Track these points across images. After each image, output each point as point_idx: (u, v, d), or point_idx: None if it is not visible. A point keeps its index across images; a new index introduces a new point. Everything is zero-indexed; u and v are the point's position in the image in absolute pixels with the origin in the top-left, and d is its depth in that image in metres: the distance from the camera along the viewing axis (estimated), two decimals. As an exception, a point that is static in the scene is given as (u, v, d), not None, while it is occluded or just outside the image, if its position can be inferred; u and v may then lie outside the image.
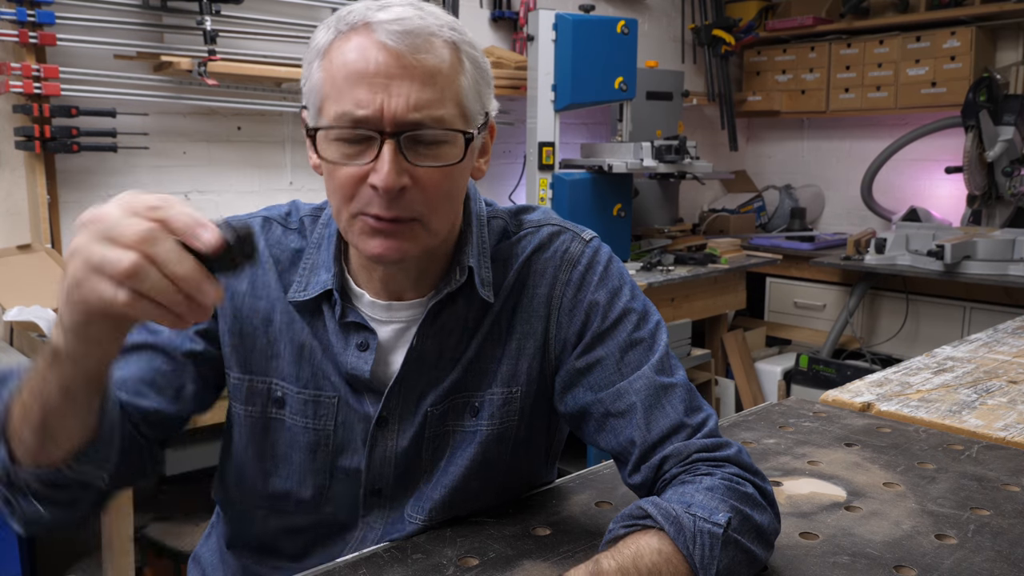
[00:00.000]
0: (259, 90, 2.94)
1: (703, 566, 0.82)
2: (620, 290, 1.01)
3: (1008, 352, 1.83)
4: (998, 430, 1.35)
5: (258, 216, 1.06)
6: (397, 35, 0.85)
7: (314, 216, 1.05)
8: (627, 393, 0.96)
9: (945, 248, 3.34)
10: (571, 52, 3.17)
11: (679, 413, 0.95)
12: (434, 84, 0.86)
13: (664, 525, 0.83)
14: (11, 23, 2.37)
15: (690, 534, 0.82)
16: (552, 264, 1.02)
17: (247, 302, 1.01)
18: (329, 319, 1.00)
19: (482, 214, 1.04)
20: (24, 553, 2.15)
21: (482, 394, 1.01)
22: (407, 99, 0.85)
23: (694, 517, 0.83)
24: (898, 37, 4.12)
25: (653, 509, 0.85)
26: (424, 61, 0.86)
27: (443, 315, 0.99)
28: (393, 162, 0.86)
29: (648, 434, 0.94)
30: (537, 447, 1.10)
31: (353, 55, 0.86)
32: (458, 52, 0.90)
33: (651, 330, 1.00)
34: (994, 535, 1.00)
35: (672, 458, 0.93)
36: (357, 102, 0.85)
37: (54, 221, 2.56)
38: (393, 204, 0.87)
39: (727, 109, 4.52)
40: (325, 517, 1.04)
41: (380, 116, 0.85)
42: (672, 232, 3.90)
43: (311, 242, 1.03)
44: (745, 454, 0.94)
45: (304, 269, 1.01)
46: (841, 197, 4.72)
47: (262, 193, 3.08)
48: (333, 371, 1.00)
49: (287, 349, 1.01)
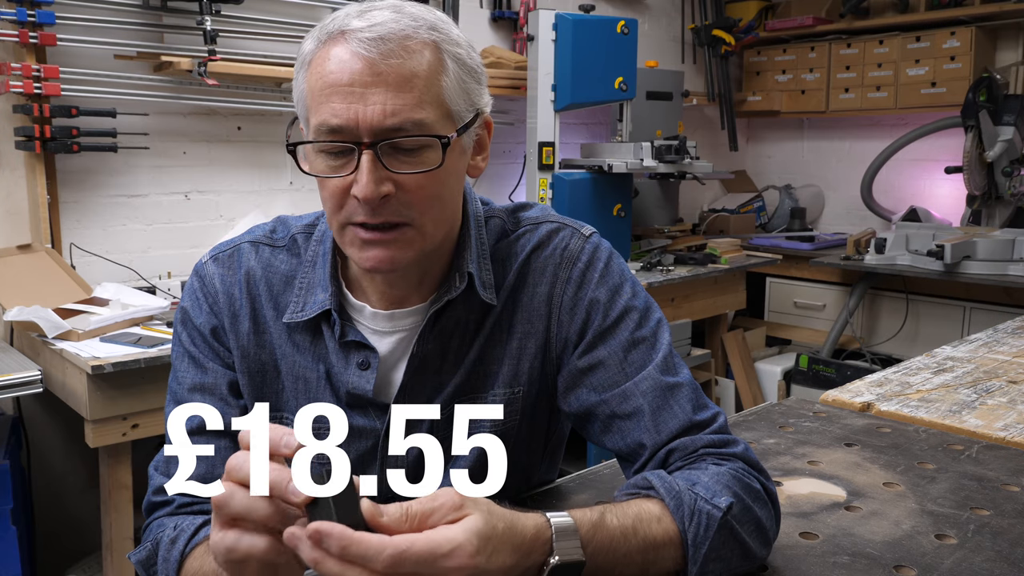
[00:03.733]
0: (259, 90, 2.94)
1: (695, 544, 0.83)
2: (621, 287, 1.01)
3: (1008, 352, 1.83)
4: (998, 430, 1.35)
5: (244, 242, 1.04)
6: (370, 42, 0.84)
7: (307, 233, 1.04)
8: (633, 395, 0.95)
9: (945, 248, 3.34)
10: (571, 52, 3.17)
11: (688, 413, 0.95)
12: (411, 89, 0.85)
13: (665, 497, 0.84)
14: (11, 23, 2.37)
15: (688, 511, 0.83)
16: (552, 262, 1.01)
17: (252, 339, 1.01)
18: (329, 339, 0.99)
19: (479, 214, 1.03)
20: (24, 553, 2.15)
21: (485, 395, 1.01)
22: (383, 107, 0.84)
23: (696, 496, 0.84)
24: (898, 37, 4.12)
25: (657, 481, 0.86)
26: (398, 67, 0.85)
27: (443, 319, 0.99)
28: (371, 172, 0.85)
29: (658, 436, 0.94)
30: (537, 445, 1.10)
31: (330, 65, 0.86)
32: (438, 52, 0.88)
33: (653, 328, 1.00)
34: (994, 535, 1.00)
35: (679, 451, 0.93)
36: (333, 112, 0.85)
37: (54, 221, 2.56)
38: (378, 211, 0.87)
39: (727, 109, 4.52)
40: None
41: (356, 126, 0.84)
42: (672, 232, 3.90)
43: (305, 260, 1.02)
44: (752, 452, 0.95)
45: (300, 289, 1.00)
46: (841, 197, 4.72)
47: (262, 193, 3.08)
48: (331, 397, 0.99)
49: (288, 379, 1.01)
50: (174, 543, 0.88)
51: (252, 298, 1.01)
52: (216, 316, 1.01)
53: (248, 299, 1.01)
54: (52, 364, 2.16)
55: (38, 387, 2.03)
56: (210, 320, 1.01)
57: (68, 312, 2.21)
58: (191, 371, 1.01)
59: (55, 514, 2.64)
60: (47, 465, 2.64)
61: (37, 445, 2.58)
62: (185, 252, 2.92)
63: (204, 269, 1.03)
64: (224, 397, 1.00)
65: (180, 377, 1.01)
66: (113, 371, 1.97)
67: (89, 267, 2.65)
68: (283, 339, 1.00)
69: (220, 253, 1.04)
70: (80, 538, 2.63)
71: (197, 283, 1.03)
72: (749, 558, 0.87)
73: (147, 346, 2.07)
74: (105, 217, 2.74)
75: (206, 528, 0.83)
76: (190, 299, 1.03)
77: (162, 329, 2.24)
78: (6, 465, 2.07)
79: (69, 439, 2.64)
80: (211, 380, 1.00)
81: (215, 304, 1.01)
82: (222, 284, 1.01)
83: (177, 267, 2.88)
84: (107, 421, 2.02)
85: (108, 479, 2.09)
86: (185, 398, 1.00)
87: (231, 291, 1.01)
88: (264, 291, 1.01)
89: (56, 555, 2.61)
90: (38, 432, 2.60)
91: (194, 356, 1.01)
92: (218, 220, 2.99)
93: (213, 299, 1.01)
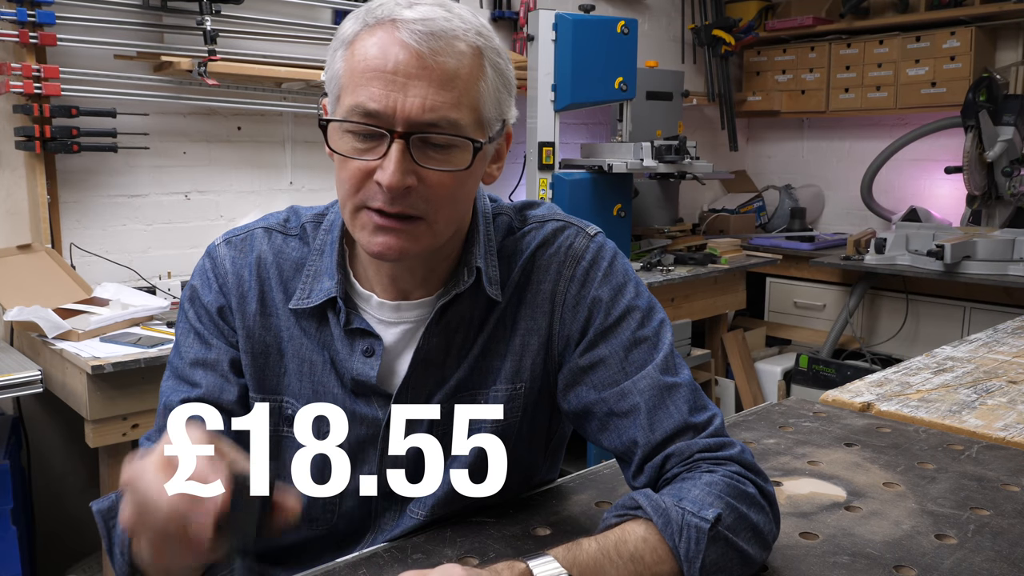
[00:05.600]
0: (259, 90, 2.94)
1: (688, 559, 0.82)
2: (624, 286, 1.01)
3: (1008, 352, 1.83)
4: (998, 430, 1.35)
5: (258, 228, 1.05)
6: (420, 35, 0.85)
7: (316, 222, 1.05)
8: (631, 393, 0.96)
9: (945, 248, 3.34)
10: (571, 52, 3.17)
11: (683, 414, 0.94)
12: (452, 88, 0.86)
13: (652, 516, 0.84)
14: (11, 23, 2.37)
15: (677, 527, 0.83)
16: (556, 260, 1.02)
17: (258, 321, 1.01)
18: (335, 326, 1.00)
19: (487, 211, 1.04)
20: (24, 553, 2.15)
21: (487, 391, 1.01)
22: (423, 100, 0.85)
23: (683, 511, 0.84)
24: (898, 37, 4.12)
25: (644, 500, 0.86)
26: (444, 64, 0.86)
27: (449, 314, 0.99)
28: (400, 162, 0.85)
29: (652, 435, 0.94)
30: (538, 444, 1.10)
31: (374, 50, 0.86)
32: (481, 57, 0.89)
33: (655, 328, 1.00)
34: (994, 535, 1.00)
35: (675, 457, 0.93)
36: (371, 96, 0.85)
37: (54, 221, 2.56)
38: (397, 201, 0.88)
39: (727, 109, 4.52)
40: (337, 530, 1.04)
41: (393, 114, 0.85)
42: (672, 232, 3.90)
43: (313, 248, 1.03)
44: (749, 453, 0.94)
45: (307, 276, 1.01)
46: (841, 197, 4.73)
47: (262, 193, 3.08)
48: (336, 383, 1.00)
49: (292, 363, 1.01)
50: None
51: (261, 281, 1.02)
52: (224, 296, 1.02)
53: (257, 282, 1.02)
54: (52, 364, 2.16)
55: (38, 387, 2.03)
56: (218, 299, 1.02)
57: (68, 312, 2.21)
58: (195, 346, 1.02)
59: (55, 514, 2.64)
60: (47, 465, 2.64)
61: (37, 445, 2.58)
62: (185, 252, 2.92)
63: (216, 251, 1.05)
64: (225, 374, 1.00)
65: (183, 352, 1.02)
66: (113, 371, 1.97)
67: (89, 267, 2.65)
68: (291, 323, 1.01)
69: (233, 237, 1.06)
70: (80, 538, 2.63)
71: (208, 263, 1.04)
72: (749, 563, 0.87)
73: (147, 346, 2.07)
74: (105, 217, 2.74)
75: None
76: (200, 278, 1.04)
77: (162, 329, 2.24)
78: (6, 465, 2.07)
79: (69, 439, 2.64)
80: (214, 356, 1.01)
81: (224, 284, 1.02)
82: (232, 265, 1.03)
83: (177, 267, 2.88)
84: (107, 421, 2.02)
85: (108, 479, 2.09)
86: (186, 372, 1.00)
87: (241, 273, 1.02)
88: (275, 275, 1.02)
89: (56, 555, 2.61)
90: (38, 432, 2.60)
91: (199, 332, 1.02)
92: (218, 220, 2.99)
93: (223, 279, 1.02)
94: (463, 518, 1.04)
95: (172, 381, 1.01)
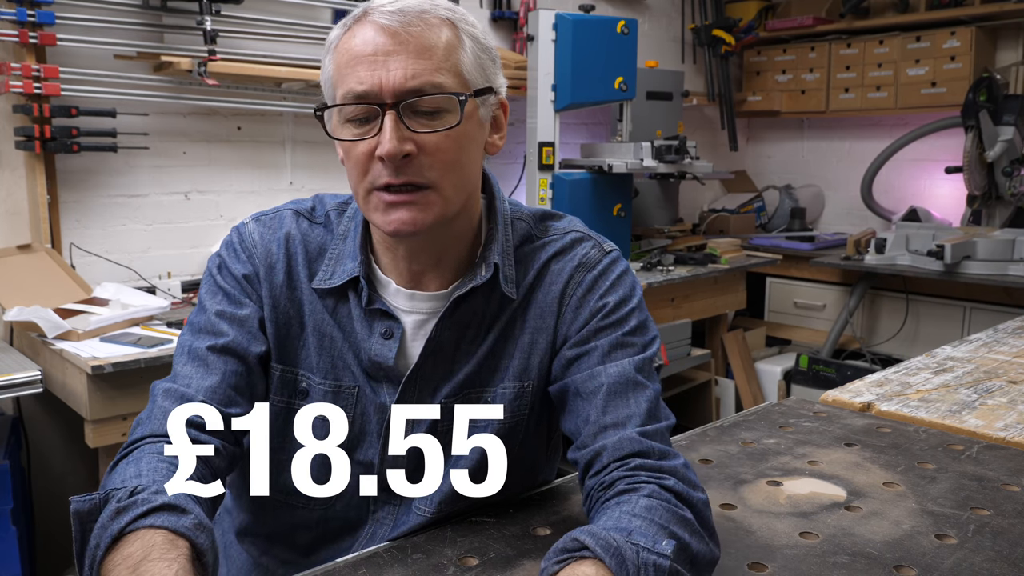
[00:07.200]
0: (259, 90, 2.94)
1: None
2: (628, 299, 1.04)
3: (1008, 352, 1.83)
4: (998, 430, 1.35)
5: (288, 210, 1.08)
6: (392, 14, 0.91)
7: (340, 210, 1.08)
8: (599, 376, 0.98)
9: (945, 248, 3.34)
10: (571, 52, 3.17)
11: (640, 410, 0.95)
12: (431, 56, 0.91)
13: (603, 556, 0.77)
14: (11, 23, 2.37)
15: (633, 567, 0.76)
16: (570, 265, 1.05)
17: (284, 292, 1.04)
18: (355, 306, 1.02)
19: (506, 213, 1.06)
20: (24, 553, 2.15)
21: (495, 389, 1.03)
22: (404, 71, 0.90)
23: (637, 547, 0.77)
24: (898, 37, 4.12)
25: (590, 540, 0.78)
26: (420, 35, 0.91)
27: (462, 309, 1.01)
28: (394, 130, 0.89)
29: (602, 416, 0.95)
30: (539, 441, 1.11)
31: (355, 40, 0.92)
32: (455, 28, 0.94)
33: (646, 341, 1.02)
34: (994, 535, 1.00)
35: (611, 449, 0.92)
36: (359, 79, 0.91)
37: (54, 221, 2.56)
38: (401, 170, 0.91)
39: (727, 109, 4.52)
40: (336, 513, 1.06)
41: (379, 90, 0.90)
42: (672, 232, 3.90)
43: (337, 234, 1.06)
44: (690, 470, 0.92)
45: (331, 259, 1.04)
46: (841, 197, 4.72)
47: (262, 193, 3.08)
48: (353, 361, 1.02)
49: (312, 338, 1.03)
50: (119, 513, 0.78)
51: (289, 256, 1.04)
52: (252, 265, 1.04)
53: (285, 256, 1.04)
54: (52, 364, 2.16)
55: (38, 387, 2.03)
56: (246, 267, 1.04)
57: (68, 312, 2.21)
58: (223, 303, 1.02)
59: (55, 514, 2.64)
60: (47, 465, 2.64)
61: (37, 445, 2.58)
62: (185, 252, 2.92)
63: (245, 227, 1.07)
64: (253, 331, 1.02)
65: (208, 307, 1.02)
66: (113, 371, 1.97)
67: (89, 267, 2.65)
68: (313, 299, 1.03)
69: (263, 216, 1.08)
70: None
71: (236, 237, 1.06)
72: None
73: (147, 346, 2.07)
74: (105, 217, 2.74)
75: (160, 514, 0.78)
76: (227, 250, 1.06)
77: (162, 329, 2.24)
78: (6, 465, 2.07)
79: (69, 439, 2.64)
80: (244, 313, 1.02)
81: (252, 255, 1.04)
82: (261, 239, 1.05)
83: (177, 267, 2.88)
84: (107, 421, 2.02)
85: (108, 479, 2.09)
86: (212, 323, 1.00)
87: (270, 246, 1.05)
88: (301, 253, 1.05)
89: (56, 555, 2.61)
90: (38, 432, 2.60)
91: (228, 292, 1.03)
92: (218, 220, 2.99)
93: (251, 251, 1.04)
94: (463, 518, 1.04)
95: (192, 334, 1.01)
